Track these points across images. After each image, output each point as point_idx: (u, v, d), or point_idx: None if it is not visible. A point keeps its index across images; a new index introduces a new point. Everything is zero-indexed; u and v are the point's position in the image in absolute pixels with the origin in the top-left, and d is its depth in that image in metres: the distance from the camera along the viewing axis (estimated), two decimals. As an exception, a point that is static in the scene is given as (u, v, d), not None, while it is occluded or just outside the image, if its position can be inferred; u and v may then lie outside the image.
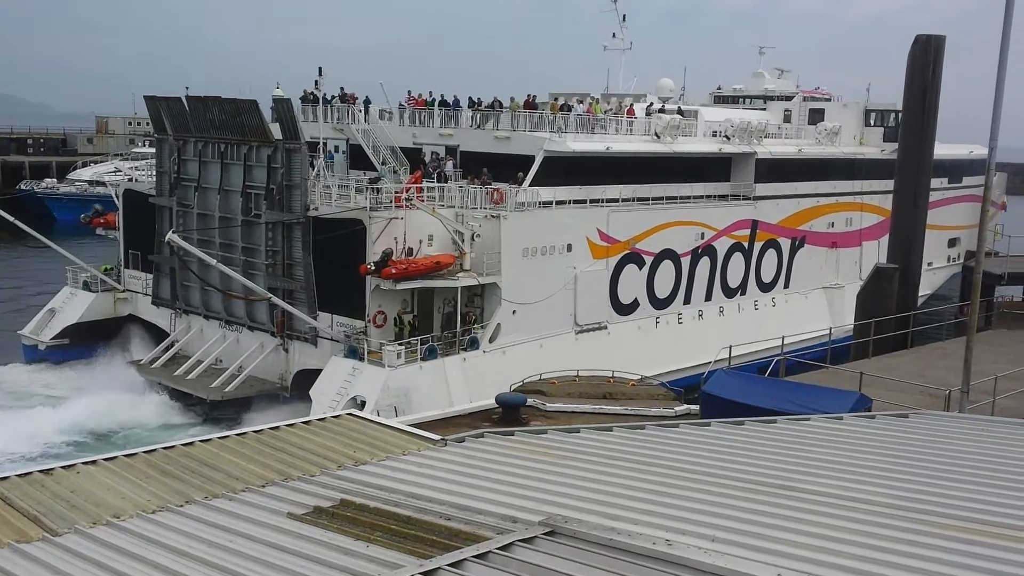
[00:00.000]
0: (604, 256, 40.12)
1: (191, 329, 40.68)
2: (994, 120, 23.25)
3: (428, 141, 41.44)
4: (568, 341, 38.61)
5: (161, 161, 41.18)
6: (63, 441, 33.39)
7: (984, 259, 26.31)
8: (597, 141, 41.23)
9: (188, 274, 40.03)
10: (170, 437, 33.65)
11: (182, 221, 39.96)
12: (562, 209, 38.60)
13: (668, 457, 14.18)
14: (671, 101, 51.92)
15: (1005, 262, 41.81)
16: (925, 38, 38.83)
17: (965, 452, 14.86)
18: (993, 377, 24.71)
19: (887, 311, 35.79)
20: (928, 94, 38.53)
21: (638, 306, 42.25)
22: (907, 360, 31.45)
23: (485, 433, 15.38)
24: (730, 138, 47.19)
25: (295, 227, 36.20)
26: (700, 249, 44.56)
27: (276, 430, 15.22)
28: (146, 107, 40.98)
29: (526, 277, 36.71)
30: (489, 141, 39.86)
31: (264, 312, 37.71)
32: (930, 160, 39.52)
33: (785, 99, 58.04)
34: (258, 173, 37.30)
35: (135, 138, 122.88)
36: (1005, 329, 36.73)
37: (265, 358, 37.28)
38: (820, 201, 51.42)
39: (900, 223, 39.75)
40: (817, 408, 19.20)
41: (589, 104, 43.82)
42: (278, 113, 36.32)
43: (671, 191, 43.25)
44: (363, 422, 15.84)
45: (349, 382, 32.43)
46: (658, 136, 43.76)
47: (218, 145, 38.50)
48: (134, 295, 43.42)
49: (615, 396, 27.96)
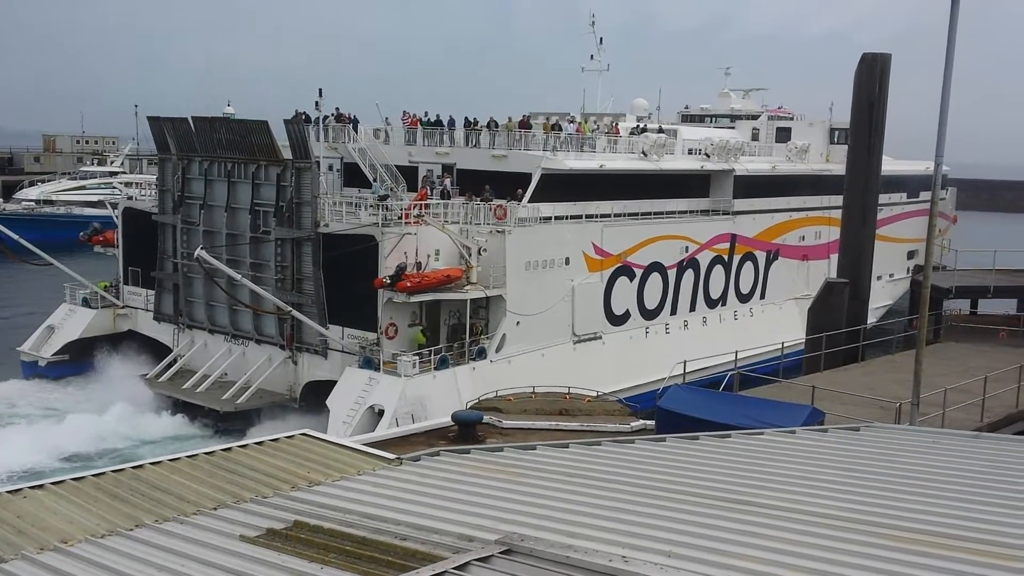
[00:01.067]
0: (599, 269, 41.20)
1: (195, 344, 40.95)
2: (939, 138, 23.09)
3: (424, 159, 42.25)
4: (567, 351, 39.56)
5: (164, 180, 41.42)
6: (80, 452, 33.09)
7: (932, 273, 26.79)
8: (590, 159, 42.32)
9: (192, 289, 40.49)
10: (183, 449, 33.59)
11: (186, 238, 40.36)
12: (560, 224, 39.64)
13: (624, 473, 13.91)
14: (644, 120, 52.36)
15: (952, 276, 41.49)
16: (871, 56, 39.30)
17: (916, 464, 14.70)
18: (942, 390, 24.54)
19: (837, 325, 36.03)
20: (875, 111, 38.97)
21: (629, 317, 43.31)
22: (858, 374, 31.23)
23: (441, 451, 14.99)
24: (710, 156, 48.53)
25: (305, 243, 36.66)
26: (685, 262, 45.84)
27: (228, 451, 14.67)
28: (149, 127, 41.20)
29: (529, 289, 37.62)
30: (486, 159, 40.79)
31: (272, 325, 38.11)
32: (878, 176, 40.02)
33: (752, 118, 59.33)
34: (266, 191, 37.76)
35: (83, 156, 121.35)
36: (953, 342, 36.54)
37: (273, 370, 37.69)
38: (792, 216, 52.55)
39: (849, 239, 40.13)
40: (771, 422, 18.89)
41: (578, 124, 44.90)
42: (290, 133, 36.68)
43: (658, 206, 44.56)
44: (317, 442, 15.33)
45: (367, 391, 32.99)
46: (645, 154, 45.04)
47: (224, 164, 38.90)
48: (134, 311, 43.66)
49: (571, 412, 27.69)
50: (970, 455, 15.50)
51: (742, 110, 61.69)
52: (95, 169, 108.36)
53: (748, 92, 64.66)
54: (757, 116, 59.61)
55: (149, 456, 14.94)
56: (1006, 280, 40.36)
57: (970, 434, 18.39)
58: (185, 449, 33.42)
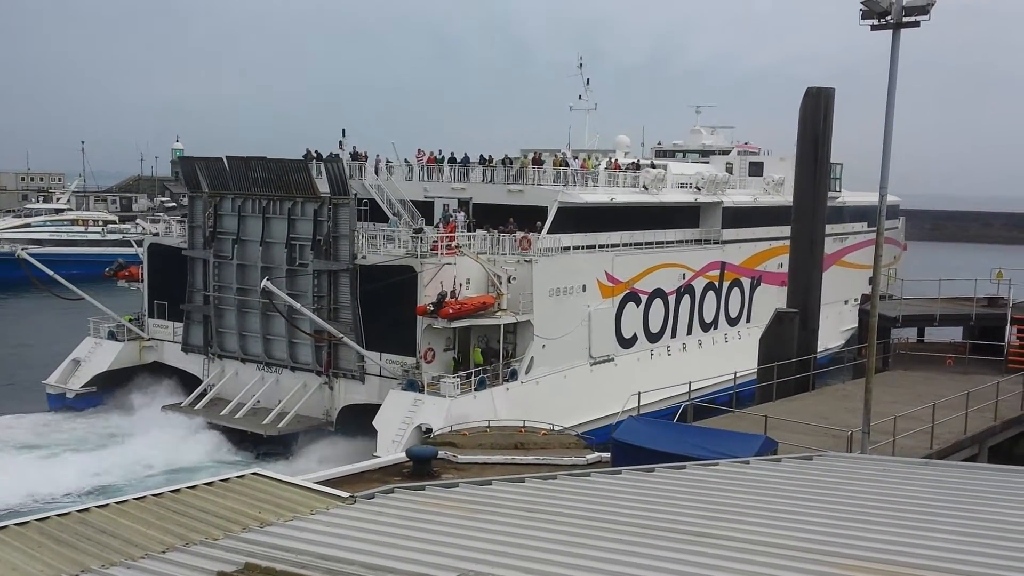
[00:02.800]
0: (611, 295, 42.93)
1: (226, 373, 41.57)
2: (883, 170, 22.54)
3: (440, 194, 43.54)
4: (585, 372, 41.11)
5: (194, 216, 42.22)
6: (127, 479, 33.67)
7: (879, 302, 27.13)
8: (602, 193, 44.27)
9: (224, 320, 41.25)
10: (225, 472, 34.95)
11: (217, 272, 41.19)
12: (577, 254, 41.29)
13: (580, 507, 13.36)
14: (629, 156, 54.79)
15: (899, 305, 40.61)
16: (816, 90, 39.61)
17: (867, 493, 14.34)
18: (892, 417, 23.87)
19: (788, 354, 36.22)
20: (820, 145, 39.35)
21: (637, 340, 45.00)
22: (810, 402, 30.47)
23: (395, 488, 14.32)
24: (700, 189, 50.88)
25: (342, 274, 37.65)
26: (682, 288, 47.84)
27: (177, 493, 13.92)
28: (180, 167, 42.61)
29: (552, 315, 39.05)
30: (502, 194, 42.19)
31: (309, 353, 38.82)
32: (824, 207, 40.40)
33: (723, 153, 61.51)
34: (302, 226, 38.60)
35: (28, 193, 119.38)
36: (902, 370, 35.94)
37: (310, 396, 38.48)
38: (772, 244, 54.74)
39: (798, 269, 40.31)
40: (725, 452, 18.28)
41: (582, 160, 46.99)
42: (329, 171, 37.80)
43: (659, 236, 46.55)
44: (269, 481, 14.60)
45: (413, 412, 34.14)
46: (646, 188, 47.16)
47: (259, 201, 39.75)
48: (159, 343, 44.41)
49: (527, 446, 27.16)
50: (920, 483, 15.04)
51: (713, 146, 63.60)
52: (41, 206, 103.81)
53: (715, 129, 66.59)
54: (728, 151, 61.66)
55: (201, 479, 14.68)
56: (951, 308, 39.40)
57: (920, 461, 17.80)
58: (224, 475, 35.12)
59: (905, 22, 21.04)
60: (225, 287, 40.81)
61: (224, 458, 36.64)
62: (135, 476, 33.89)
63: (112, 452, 36.27)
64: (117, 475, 33.89)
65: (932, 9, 20.89)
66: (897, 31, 21.19)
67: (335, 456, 33.95)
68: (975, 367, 34.64)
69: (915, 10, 20.94)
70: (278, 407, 38.33)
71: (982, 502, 13.72)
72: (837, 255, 61.32)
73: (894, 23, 21.06)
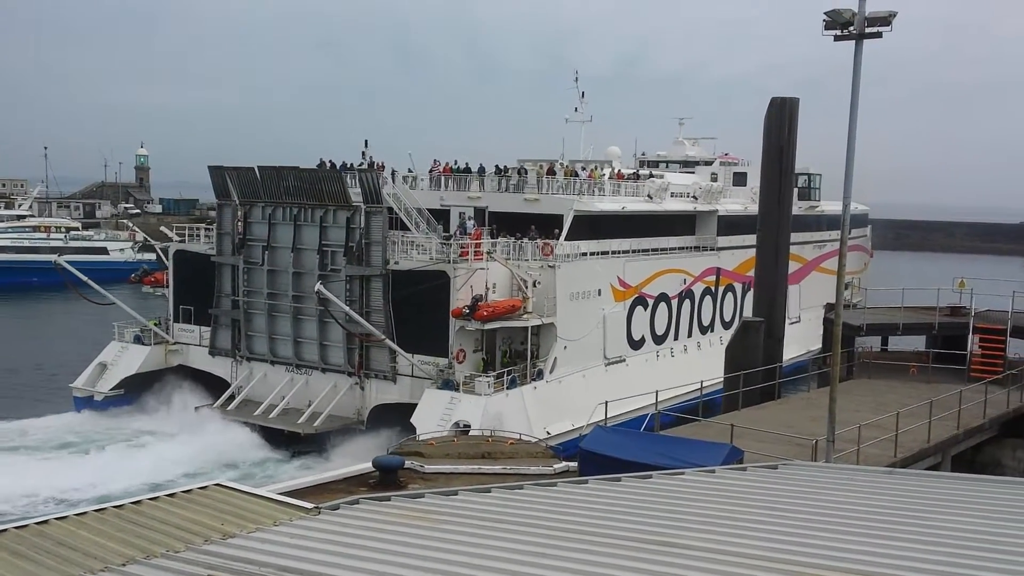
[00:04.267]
0: (622, 299, 44.53)
1: (254, 375, 42.46)
2: (846, 181, 22.08)
3: (456, 203, 44.77)
4: (600, 372, 42.37)
5: (223, 224, 43.01)
6: (180, 474, 34.46)
7: (843, 311, 27.33)
8: (612, 202, 45.74)
9: (253, 324, 42.14)
10: (268, 470, 36.26)
11: (247, 277, 42.10)
12: (594, 260, 42.75)
13: (546, 517, 12.90)
14: (621, 166, 55.82)
15: (863, 314, 40.27)
16: (780, 100, 39.61)
17: (832, 501, 13.94)
18: (857, 426, 23.47)
19: (754, 363, 35.24)
20: (784, 154, 39.51)
21: (645, 342, 46.43)
22: (775, 411, 29.88)
23: (360, 499, 13.79)
24: (697, 198, 52.54)
25: (374, 279, 38.59)
26: (683, 292, 49.39)
27: (138, 504, 13.28)
28: (210, 175, 43.03)
29: (573, 317, 40.36)
30: (518, 202, 43.61)
31: (340, 355, 39.68)
32: (789, 216, 40.60)
33: (707, 164, 62.79)
34: (334, 233, 39.46)
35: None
36: (866, 378, 35.55)
37: (341, 396, 39.41)
38: None
39: (763, 278, 40.23)
40: (692, 461, 17.74)
41: (590, 171, 48.34)
42: (363, 180, 38.94)
43: (664, 243, 48.17)
44: (232, 492, 13.98)
45: (451, 409, 35.25)
46: (650, 197, 48.88)
47: (290, 209, 40.58)
48: (185, 347, 45.29)
49: (494, 455, 26.92)
50: (884, 491, 14.61)
51: (697, 156, 65.05)
52: (2, 212, 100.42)
53: (697, 140, 68.11)
54: (711, 162, 63.01)
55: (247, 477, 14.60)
56: (914, 317, 38.81)
57: (884, 470, 17.25)
58: (269, 470, 35.04)
59: (867, 33, 21.21)
60: (255, 292, 41.60)
61: (262, 456, 37.51)
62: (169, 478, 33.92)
63: (147, 453, 36.97)
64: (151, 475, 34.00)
65: (894, 20, 21.16)
66: (860, 42, 21.24)
67: (368, 453, 34.16)
68: (938, 376, 34.06)
69: (877, 21, 21.08)
70: (310, 407, 39.09)
71: (944, 510, 13.31)
72: (817, 261, 62.27)
73: (856, 34, 21.17)
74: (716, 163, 62.01)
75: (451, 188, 45.51)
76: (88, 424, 41.03)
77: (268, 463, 37.09)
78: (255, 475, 35.21)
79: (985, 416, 29.31)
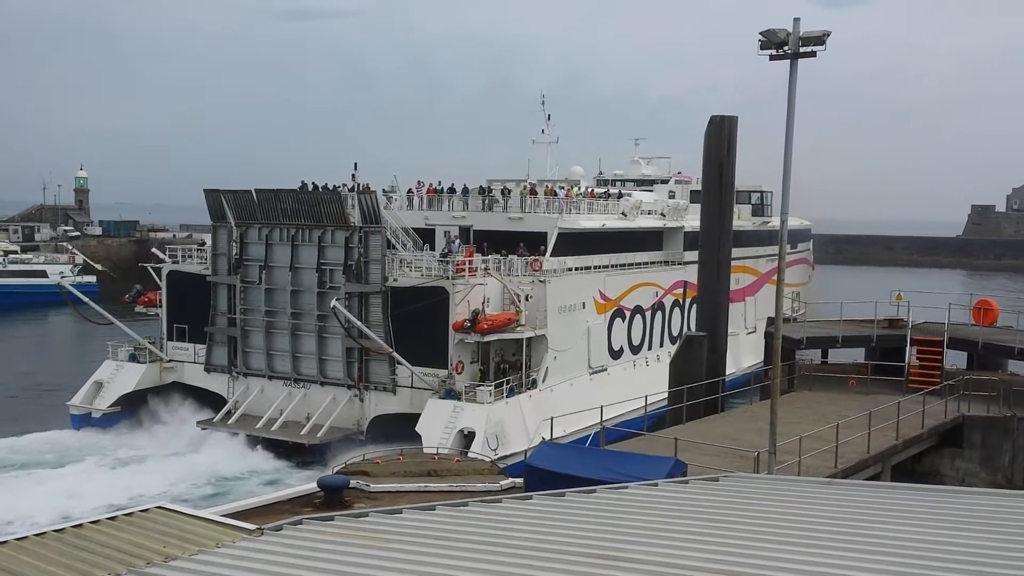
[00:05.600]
0: (604, 312, 46.06)
1: (251, 390, 43.13)
2: (783, 196, 21.85)
3: (440, 222, 45.92)
4: (585, 381, 43.76)
5: (218, 245, 43.91)
6: (190, 485, 35.95)
7: (784, 324, 27.77)
8: (593, 219, 47.34)
9: (250, 340, 43.17)
10: (278, 479, 36.73)
11: (243, 296, 43.06)
12: (579, 274, 44.32)
13: (491, 534, 12.52)
14: (584, 185, 57.89)
15: (803, 327, 40.03)
16: (719, 119, 39.88)
17: (772, 512, 13.63)
18: (798, 437, 23.20)
19: (698, 377, 34.45)
20: (724, 171, 40.08)
21: (623, 352, 47.87)
22: (719, 424, 29.61)
23: (303, 519, 13.36)
24: (665, 215, 54.21)
25: (373, 296, 39.64)
26: (656, 305, 50.96)
27: (80, 528, 12.79)
28: (206, 199, 43.96)
29: (562, 329, 41.64)
30: (502, 221, 44.90)
31: (340, 368, 40.70)
32: (730, 232, 41.13)
33: (663, 182, 65.24)
34: (332, 252, 40.47)
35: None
36: (807, 391, 35.40)
37: (341, 408, 40.34)
38: None
39: (705, 293, 40.56)
40: (636, 475, 17.38)
41: (567, 190, 49.67)
42: (361, 202, 40.12)
43: (638, 258, 50.02)
44: (174, 515, 13.50)
45: (455, 417, 36.36)
46: (625, 214, 50.64)
47: (288, 230, 41.60)
48: (179, 364, 45.97)
49: (440, 473, 26.74)
50: (824, 502, 14.28)
51: (653, 175, 67.30)
52: None
53: (651, 160, 70.54)
54: (667, 180, 65.23)
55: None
56: (853, 330, 38.80)
57: (823, 481, 16.89)
58: (280, 478, 35.30)
59: (802, 52, 21.60)
60: (252, 310, 42.39)
61: (267, 467, 38.51)
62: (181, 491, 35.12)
63: (150, 468, 37.89)
64: (162, 488, 34.84)
65: (828, 39, 21.58)
66: (795, 61, 21.59)
67: None
68: (877, 387, 33.86)
69: (811, 41, 21.47)
70: (311, 420, 39.89)
71: (883, 520, 12.95)
72: (770, 274, 62.74)
73: (791, 53, 21.51)
74: (672, 181, 63.87)
75: (435, 207, 46.83)
76: (80, 442, 41.63)
77: (273, 472, 38.22)
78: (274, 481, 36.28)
79: (923, 426, 29.54)
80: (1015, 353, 34.79)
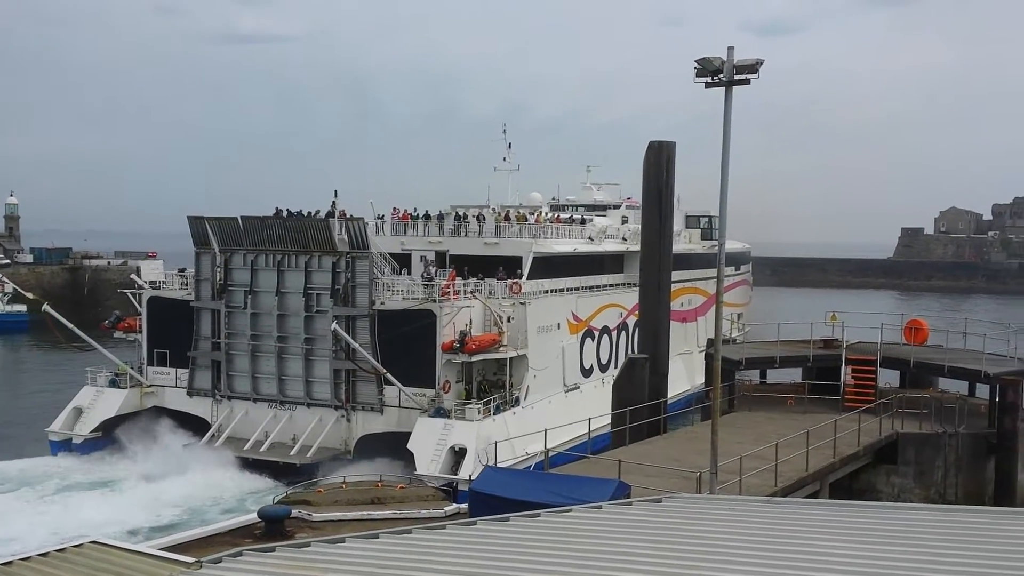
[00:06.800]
0: (576, 332, 47.17)
1: (235, 413, 43.15)
2: (720, 221, 22.11)
3: (416, 247, 46.71)
4: (561, 398, 44.63)
5: (201, 271, 44.03)
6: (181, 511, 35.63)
7: (723, 346, 28.02)
8: (565, 243, 48.76)
9: (234, 364, 43.34)
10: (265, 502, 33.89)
11: (228, 321, 43.19)
12: (554, 297, 45.40)
13: (434, 561, 12.07)
14: (548, 210, 58.97)
15: (742, 348, 40.17)
16: (658, 144, 40.21)
17: (714, 532, 13.39)
18: (739, 457, 22.88)
19: (641, 399, 35.04)
20: (663, 195, 40.56)
21: (593, 370, 48.85)
22: (661, 445, 29.15)
23: (244, 551, 12.83)
24: (627, 239, 55.14)
25: (360, 319, 39.98)
26: (620, 325, 52.03)
27: (9, 566, 12.15)
28: (189, 225, 44.06)
29: (541, 349, 42.48)
30: (478, 245, 45.87)
31: (325, 389, 41.03)
32: (670, 255, 41.64)
33: (615, 207, 66.16)
34: (319, 277, 40.81)
35: None
36: (747, 410, 34.98)
37: (328, 429, 40.45)
38: (675, 287, 56.18)
39: (647, 316, 41.13)
40: (580, 498, 16.98)
41: (536, 215, 50.86)
42: (349, 229, 40.61)
43: (605, 281, 51.21)
44: (108, 550, 12.88)
45: (445, 434, 36.86)
46: (592, 239, 52.06)
47: (274, 255, 41.93)
48: (160, 389, 45.74)
49: (384, 500, 26.46)
50: (763, 520, 14.04)
51: (606, 200, 68.52)
52: None
53: (601, 186, 71.93)
54: (619, 206, 66.21)
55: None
56: (790, 351, 38.40)
57: (763, 499, 16.51)
58: (267, 501, 31.71)
59: (736, 80, 21.99)
60: (236, 334, 42.32)
61: (255, 487, 38.29)
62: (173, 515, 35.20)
63: (140, 492, 37.57)
64: (171, 514, 35.01)
65: (761, 68, 22.00)
66: (729, 89, 21.97)
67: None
68: (814, 406, 33.60)
69: (745, 68, 21.85)
70: (299, 441, 39.95)
71: (822, 536, 12.65)
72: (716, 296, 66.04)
73: (726, 81, 21.87)
74: (623, 207, 64.74)
75: (411, 233, 47.61)
76: (62, 468, 41.08)
77: (254, 496, 37.32)
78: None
79: (859, 444, 29.52)
80: (945, 371, 35.29)
